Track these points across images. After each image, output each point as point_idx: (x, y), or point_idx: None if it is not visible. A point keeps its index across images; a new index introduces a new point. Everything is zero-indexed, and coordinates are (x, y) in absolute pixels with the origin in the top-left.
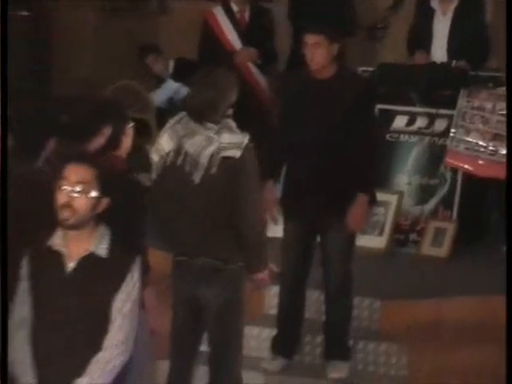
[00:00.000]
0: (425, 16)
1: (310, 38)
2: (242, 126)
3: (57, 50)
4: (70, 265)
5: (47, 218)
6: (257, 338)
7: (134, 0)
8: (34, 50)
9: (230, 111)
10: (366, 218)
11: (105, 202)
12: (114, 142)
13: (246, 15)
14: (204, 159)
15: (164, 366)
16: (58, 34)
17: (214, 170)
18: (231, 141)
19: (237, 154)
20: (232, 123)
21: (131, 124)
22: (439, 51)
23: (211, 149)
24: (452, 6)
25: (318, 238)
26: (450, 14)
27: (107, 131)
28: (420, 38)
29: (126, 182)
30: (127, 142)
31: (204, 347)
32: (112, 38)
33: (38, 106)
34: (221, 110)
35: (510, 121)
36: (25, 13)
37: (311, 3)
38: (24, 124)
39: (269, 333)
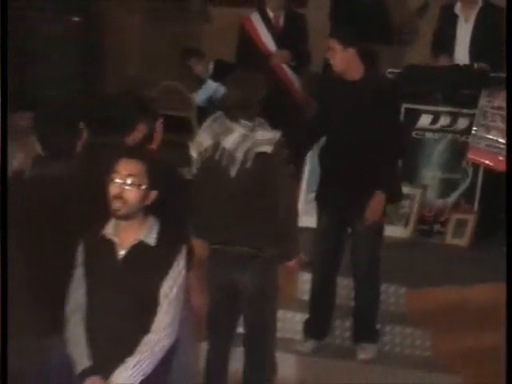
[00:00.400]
0: (448, 21)
1: (329, 43)
2: (277, 123)
3: (107, 53)
4: (121, 252)
5: (100, 208)
6: (290, 322)
7: (179, 7)
8: (85, 53)
9: (261, 109)
10: (381, 212)
11: (153, 194)
12: (148, 136)
13: (281, 20)
14: (239, 154)
15: (203, 348)
16: (109, 38)
17: (248, 165)
18: (264, 137)
19: (269, 149)
20: (264, 121)
21: (161, 120)
22: (462, 54)
23: (246, 145)
24: (474, 12)
25: (350, 229)
26: (472, 20)
27: (143, 127)
28: (444, 42)
29: (171, 176)
30: (158, 136)
31: (240, 330)
32: (158, 41)
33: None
34: (253, 107)
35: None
36: (77, 18)
37: (346, 11)
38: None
39: (301, 317)
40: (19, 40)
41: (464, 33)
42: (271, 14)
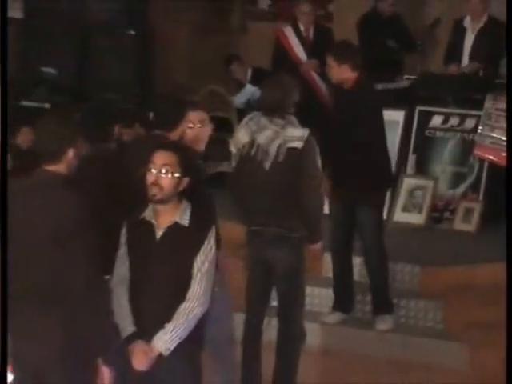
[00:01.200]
0: (458, 34)
1: (327, 60)
2: (307, 122)
3: (159, 61)
4: (159, 233)
5: (140, 195)
6: (317, 297)
7: (220, 21)
8: (140, 62)
9: (293, 110)
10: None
11: (185, 181)
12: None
13: (311, 33)
14: (273, 150)
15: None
16: (160, 48)
17: (281, 159)
18: (294, 134)
19: (299, 145)
20: (294, 119)
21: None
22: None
23: (278, 141)
24: (480, 25)
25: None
26: (475, 31)
27: (185, 125)
28: (453, 51)
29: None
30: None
31: (274, 303)
32: (202, 51)
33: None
34: (286, 107)
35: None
36: (132, 32)
37: (371, 25)
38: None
39: (327, 292)
40: (86, 50)
41: (466, 42)
42: (302, 28)
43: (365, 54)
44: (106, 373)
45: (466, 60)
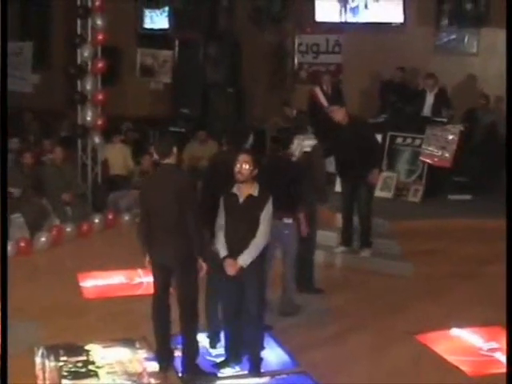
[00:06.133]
0: (421, 94)
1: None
2: (328, 138)
3: (246, 105)
4: (241, 200)
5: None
6: (330, 237)
7: (280, 84)
8: (237, 106)
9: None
10: (378, 178)
11: (255, 171)
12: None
13: (329, 91)
14: (296, 152)
15: None
16: (247, 98)
17: (299, 156)
18: (307, 144)
19: (309, 149)
20: (311, 136)
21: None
22: (427, 110)
23: (299, 147)
24: (435, 90)
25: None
26: (432, 94)
27: (251, 139)
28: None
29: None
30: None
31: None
32: (271, 99)
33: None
34: (304, 129)
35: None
36: (231, 90)
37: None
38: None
39: (336, 235)
40: (205, 99)
41: (428, 100)
42: (325, 88)
43: (381, 106)
44: (203, 265)
45: (426, 109)
